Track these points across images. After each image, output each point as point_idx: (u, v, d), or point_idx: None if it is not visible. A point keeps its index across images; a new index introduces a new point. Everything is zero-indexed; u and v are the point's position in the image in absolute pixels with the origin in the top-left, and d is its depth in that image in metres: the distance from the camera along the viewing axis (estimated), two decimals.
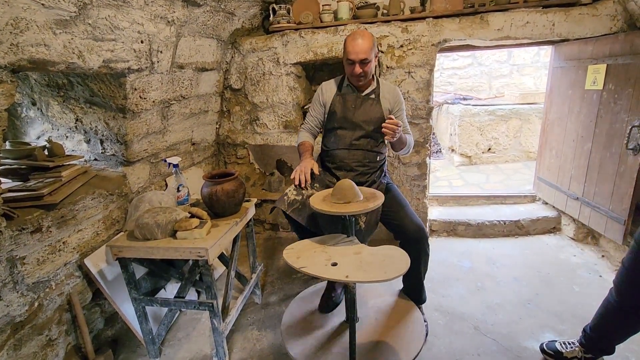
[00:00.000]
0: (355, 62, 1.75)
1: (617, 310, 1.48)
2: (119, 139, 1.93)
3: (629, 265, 1.42)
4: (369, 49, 1.73)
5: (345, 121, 1.88)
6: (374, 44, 1.78)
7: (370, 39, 1.74)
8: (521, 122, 4.64)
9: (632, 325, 1.48)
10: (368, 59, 1.74)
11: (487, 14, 2.36)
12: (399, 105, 1.91)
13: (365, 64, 1.75)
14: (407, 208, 1.81)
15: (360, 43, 1.72)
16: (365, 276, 1.23)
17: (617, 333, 1.53)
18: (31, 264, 1.46)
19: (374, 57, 1.80)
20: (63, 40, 1.36)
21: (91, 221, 1.77)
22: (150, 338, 1.77)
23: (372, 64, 1.79)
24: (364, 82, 1.85)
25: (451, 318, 2.00)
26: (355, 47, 1.73)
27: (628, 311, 1.45)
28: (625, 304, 1.44)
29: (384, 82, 1.95)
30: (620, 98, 2.14)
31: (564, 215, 2.83)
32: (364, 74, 1.78)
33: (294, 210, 1.73)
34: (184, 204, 1.97)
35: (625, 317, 1.47)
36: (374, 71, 1.86)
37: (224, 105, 2.87)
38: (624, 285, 1.45)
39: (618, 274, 1.47)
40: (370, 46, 1.73)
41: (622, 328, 1.50)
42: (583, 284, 2.22)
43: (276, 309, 2.15)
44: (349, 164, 1.88)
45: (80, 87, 1.78)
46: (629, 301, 1.43)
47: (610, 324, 1.53)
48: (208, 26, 2.19)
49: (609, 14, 2.25)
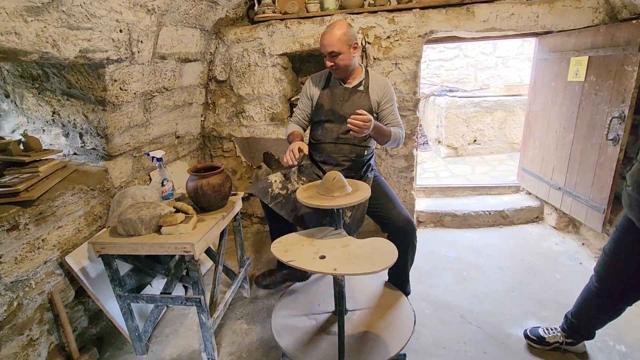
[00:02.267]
0: (326, 55, 1.73)
1: (597, 297, 1.53)
2: (99, 133, 1.86)
3: (609, 252, 1.46)
4: (337, 41, 1.68)
5: (333, 114, 1.86)
6: (349, 35, 1.71)
7: (340, 30, 1.69)
8: (506, 113, 4.70)
9: (611, 311, 1.53)
10: (336, 52, 1.70)
11: (473, 5, 2.36)
12: (387, 96, 1.85)
13: (334, 56, 1.71)
14: (394, 200, 1.80)
15: (328, 35, 1.69)
16: (354, 269, 1.23)
17: (597, 319, 1.58)
18: (8, 262, 1.41)
19: (351, 49, 1.74)
20: (35, 29, 1.29)
21: (72, 217, 1.72)
22: (136, 335, 1.75)
23: (347, 56, 1.73)
24: (340, 75, 1.82)
25: (438, 307, 2.03)
26: (323, 39, 1.71)
27: (608, 297, 1.50)
28: (605, 290, 1.49)
29: (374, 74, 1.91)
30: (601, 90, 2.18)
31: (547, 205, 2.91)
32: (336, 67, 1.75)
33: (277, 204, 1.73)
34: (169, 198, 1.93)
35: (605, 302, 1.52)
36: (352, 63, 1.79)
37: (208, 97, 2.81)
38: (604, 271, 1.49)
39: (599, 260, 1.52)
40: (339, 38, 1.68)
41: (602, 314, 1.55)
42: (564, 272, 2.29)
43: (264, 302, 2.15)
44: (336, 158, 1.87)
45: (56, 78, 1.71)
46: (609, 287, 1.48)
47: (591, 310, 1.58)
48: (190, 15, 2.12)
49: (591, 6, 2.28)
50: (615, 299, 1.49)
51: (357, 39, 1.76)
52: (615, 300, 1.49)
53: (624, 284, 1.44)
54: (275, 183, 1.76)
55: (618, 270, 1.44)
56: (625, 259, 1.41)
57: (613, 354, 1.67)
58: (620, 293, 1.47)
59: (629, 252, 1.39)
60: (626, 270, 1.41)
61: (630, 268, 1.40)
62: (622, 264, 1.42)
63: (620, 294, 1.47)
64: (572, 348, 1.67)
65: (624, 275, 1.42)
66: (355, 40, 1.75)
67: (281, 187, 1.75)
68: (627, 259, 1.40)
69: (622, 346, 1.70)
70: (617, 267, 1.44)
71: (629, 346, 1.69)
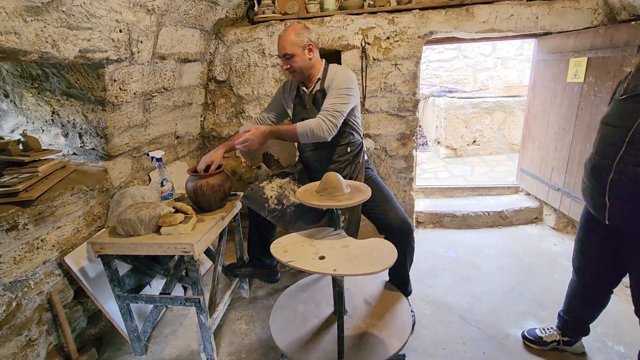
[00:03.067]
0: (281, 58, 1.76)
1: (579, 289, 1.57)
2: (99, 133, 1.86)
3: (577, 241, 1.52)
4: (290, 44, 1.70)
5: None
6: (302, 37, 1.71)
7: (293, 32, 1.70)
8: (505, 114, 4.71)
9: (595, 300, 1.56)
10: (289, 54, 1.71)
11: (473, 6, 2.37)
12: (333, 83, 1.74)
13: (288, 58, 1.73)
14: (391, 201, 1.77)
15: (281, 38, 1.72)
16: (353, 269, 1.23)
17: (586, 311, 1.61)
18: (7, 262, 1.41)
19: (305, 50, 1.73)
20: (35, 29, 1.29)
21: (71, 217, 1.72)
22: (135, 335, 1.75)
23: (301, 57, 1.73)
24: (298, 78, 1.82)
25: (437, 308, 2.03)
26: (278, 42, 1.74)
27: (587, 286, 1.54)
28: (583, 280, 1.54)
29: (332, 67, 1.83)
30: (600, 91, 2.19)
31: (546, 206, 2.91)
32: (292, 69, 1.76)
33: (274, 217, 1.77)
34: (168, 198, 1.93)
35: (586, 293, 1.56)
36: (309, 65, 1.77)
37: (208, 97, 2.81)
38: (577, 261, 1.55)
39: (573, 252, 1.57)
40: (292, 40, 1.69)
41: (588, 305, 1.59)
42: (563, 272, 2.29)
43: (264, 302, 2.15)
44: (320, 163, 1.88)
45: (55, 78, 1.71)
46: (585, 276, 1.53)
47: (578, 303, 1.61)
48: (190, 15, 2.12)
49: (590, 7, 2.29)
50: (594, 286, 1.53)
51: (312, 40, 1.75)
52: (594, 289, 1.53)
53: (595, 270, 1.49)
54: (272, 199, 1.77)
55: (587, 257, 1.49)
56: (590, 246, 1.47)
57: (612, 354, 1.67)
58: (595, 280, 1.51)
59: (592, 239, 1.45)
60: (593, 256, 1.47)
61: (596, 254, 1.45)
62: (588, 251, 1.48)
63: (595, 281, 1.51)
64: (571, 348, 1.68)
65: (593, 262, 1.48)
66: (308, 42, 1.74)
67: (277, 202, 1.77)
68: (592, 245, 1.46)
69: (621, 347, 1.70)
70: (586, 255, 1.50)
71: (627, 347, 1.70)
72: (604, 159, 1.28)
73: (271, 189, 1.84)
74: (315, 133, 1.68)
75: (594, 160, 1.34)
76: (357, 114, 1.88)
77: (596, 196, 1.32)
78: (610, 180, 1.25)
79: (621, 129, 1.22)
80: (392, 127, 2.65)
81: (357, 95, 1.81)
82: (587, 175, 1.36)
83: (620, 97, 1.27)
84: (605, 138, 1.30)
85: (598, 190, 1.30)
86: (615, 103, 1.31)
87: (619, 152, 1.22)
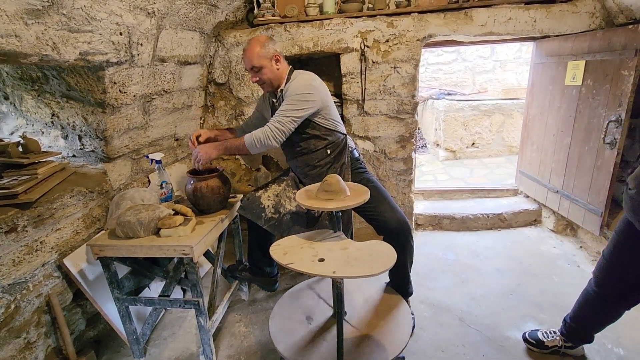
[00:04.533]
0: (250, 71, 1.76)
1: (596, 300, 1.52)
2: (99, 135, 1.86)
3: (608, 256, 1.45)
4: (256, 56, 1.69)
5: None
6: (267, 49, 1.71)
7: (258, 45, 1.70)
8: (504, 117, 4.73)
9: (610, 314, 1.52)
10: (257, 66, 1.71)
11: (471, 9, 2.38)
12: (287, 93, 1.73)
13: (257, 71, 1.73)
14: (388, 201, 1.76)
15: (247, 52, 1.72)
16: (352, 271, 1.23)
17: (596, 322, 1.58)
18: (6, 265, 1.41)
19: (272, 61, 1.73)
20: (36, 31, 1.29)
21: (70, 220, 1.72)
22: (134, 338, 1.74)
23: (269, 69, 1.73)
24: (269, 89, 1.82)
25: (437, 310, 2.03)
26: (243, 56, 1.74)
27: (607, 301, 1.49)
28: (605, 294, 1.49)
29: (297, 75, 1.80)
30: (598, 94, 2.20)
31: (545, 208, 2.92)
32: (261, 81, 1.76)
33: (270, 226, 1.77)
34: (168, 201, 1.93)
35: (604, 306, 1.51)
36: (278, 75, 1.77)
37: (208, 99, 2.82)
38: (603, 275, 1.49)
39: (597, 264, 1.51)
40: (257, 53, 1.69)
41: (601, 317, 1.55)
42: (562, 274, 2.29)
43: (263, 305, 2.15)
44: (302, 170, 1.88)
45: (55, 80, 1.71)
46: (607, 291, 1.48)
47: (590, 313, 1.57)
48: (190, 18, 2.13)
49: (588, 11, 2.30)
50: (614, 303, 1.48)
51: (277, 51, 1.75)
52: (615, 304, 1.49)
53: (624, 288, 1.43)
54: (268, 208, 1.78)
55: (618, 274, 1.43)
56: (625, 264, 1.40)
57: (611, 356, 1.67)
58: (620, 297, 1.46)
59: (629, 256, 1.38)
60: (626, 274, 1.41)
61: (630, 272, 1.40)
62: (622, 268, 1.41)
63: (619, 298, 1.46)
64: (571, 352, 1.67)
65: (624, 280, 1.42)
66: (274, 52, 1.73)
67: (274, 211, 1.77)
68: (628, 263, 1.39)
69: (620, 349, 1.70)
70: (617, 272, 1.43)
71: (626, 349, 1.70)
72: None
73: (267, 198, 1.82)
74: (263, 142, 1.67)
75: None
76: (331, 113, 1.81)
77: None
78: None
79: None
80: (391, 129, 2.66)
81: (318, 98, 1.72)
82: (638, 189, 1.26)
83: None
84: None
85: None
86: None
87: None
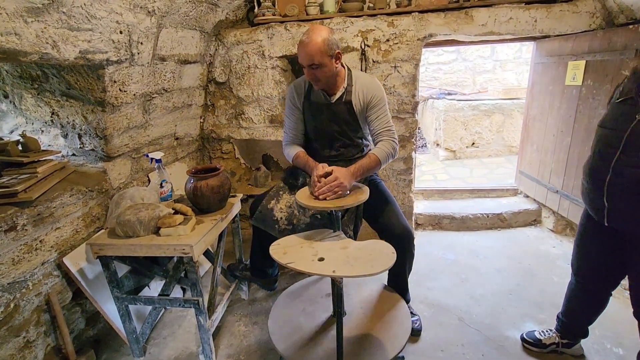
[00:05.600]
0: (304, 66, 1.57)
1: (578, 290, 1.58)
2: (98, 134, 1.86)
3: (576, 243, 1.53)
4: (317, 52, 1.50)
5: (318, 133, 1.76)
6: (330, 44, 1.53)
7: (319, 38, 1.51)
8: (504, 117, 4.73)
9: (594, 303, 1.57)
10: (316, 64, 1.53)
11: (472, 9, 2.38)
12: (375, 99, 1.67)
13: (314, 68, 1.55)
14: (394, 207, 1.75)
15: (306, 45, 1.51)
16: (352, 271, 1.23)
17: (584, 314, 1.62)
18: (6, 263, 1.41)
19: (333, 60, 1.57)
20: (35, 30, 1.29)
21: (70, 219, 1.71)
22: (134, 337, 1.74)
23: (329, 67, 1.57)
24: (322, 87, 1.67)
25: (436, 310, 2.03)
26: (301, 50, 1.54)
27: (586, 289, 1.55)
28: (582, 281, 1.55)
29: (360, 76, 1.72)
30: (598, 94, 2.20)
31: (544, 208, 2.92)
32: (316, 79, 1.60)
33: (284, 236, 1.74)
34: (168, 200, 1.93)
35: (585, 295, 1.57)
36: (335, 73, 1.64)
37: (208, 99, 2.81)
38: (576, 263, 1.56)
39: (572, 254, 1.58)
40: (318, 48, 1.50)
41: (587, 307, 1.60)
42: (562, 274, 2.29)
43: (263, 304, 2.15)
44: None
45: (55, 79, 1.71)
46: (584, 279, 1.54)
47: (577, 305, 1.62)
48: (190, 17, 2.13)
49: (588, 11, 2.30)
50: (593, 289, 1.54)
51: (339, 46, 1.60)
52: (593, 291, 1.54)
53: (595, 272, 1.50)
54: (282, 220, 1.73)
55: (587, 260, 1.50)
56: (590, 248, 1.48)
57: (610, 356, 1.67)
58: (594, 283, 1.52)
59: (592, 241, 1.46)
60: (593, 258, 1.48)
61: (596, 256, 1.46)
62: (588, 253, 1.49)
63: (594, 283, 1.52)
64: (570, 350, 1.68)
65: (593, 264, 1.49)
66: (337, 48, 1.57)
67: (287, 223, 1.73)
68: (592, 247, 1.47)
69: (620, 349, 1.70)
70: (586, 257, 1.50)
71: (626, 349, 1.70)
72: (601, 161, 1.30)
73: (280, 210, 1.75)
74: (394, 156, 1.68)
75: (592, 163, 1.36)
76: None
77: (595, 198, 1.33)
78: (608, 182, 1.27)
79: (617, 131, 1.25)
80: None
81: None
82: (586, 177, 1.38)
83: (617, 101, 1.31)
84: (602, 140, 1.33)
85: (596, 192, 1.32)
86: (611, 106, 1.34)
87: (616, 154, 1.24)
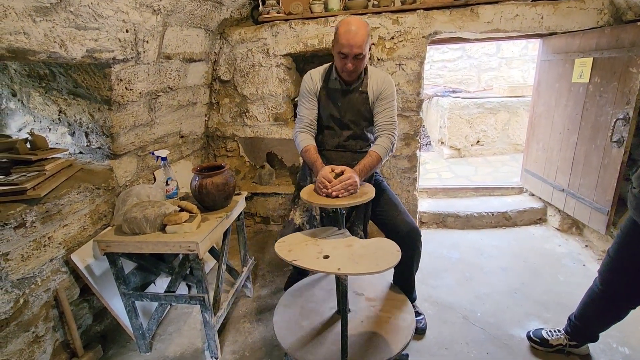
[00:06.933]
0: (348, 57, 1.55)
1: (601, 299, 1.52)
2: (105, 132, 1.88)
3: (613, 254, 1.45)
4: (364, 42, 1.52)
5: (333, 120, 1.77)
6: (369, 35, 1.58)
7: (365, 29, 1.54)
8: (509, 114, 4.69)
9: (615, 313, 1.52)
10: (362, 54, 1.54)
11: (477, 6, 2.36)
12: (384, 94, 1.69)
13: (358, 59, 1.56)
14: (399, 207, 1.77)
15: (354, 35, 1.50)
16: (357, 268, 1.23)
17: (601, 321, 1.57)
18: (15, 260, 1.43)
19: (368, 50, 1.61)
20: (44, 29, 1.30)
21: (77, 216, 1.73)
22: (140, 333, 1.76)
23: (366, 58, 1.60)
24: (353, 77, 1.68)
25: (441, 308, 2.03)
26: (349, 39, 1.51)
27: (612, 299, 1.49)
28: (610, 292, 1.48)
29: (374, 71, 1.75)
30: (605, 91, 2.18)
31: (550, 207, 2.90)
32: (355, 70, 1.60)
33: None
34: (173, 197, 1.94)
35: (609, 305, 1.51)
36: (364, 66, 1.66)
37: (212, 97, 2.83)
38: (608, 274, 1.48)
39: (603, 263, 1.51)
40: (365, 39, 1.53)
41: (606, 316, 1.55)
42: (567, 273, 2.28)
43: (267, 301, 2.16)
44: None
45: (62, 77, 1.73)
46: (613, 289, 1.47)
47: (595, 312, 1.57)
48: (195, 15, 2.14)
49: (596, 7, 2.28)
50: (620, 301, 1.48)
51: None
52: (620, 303, 1.49)
53: (629, 286, 1.43)
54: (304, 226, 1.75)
55: (623, 272, 1.43)
56: (630, 261, 1.40)
57: (616, 356, 1.66)
58: (625, 295, 1.46)
59: (633, 254, 1.39)
60: (631, 272, 1.41)
61: (635, 270, 1.39)
62: (627, 266, 1.41)
63: (625, 296, 1.46)
64: (576, 350, 1.67)
65: (629, 278, 1.42)
66: (371, 40, 1.63)
67: (308, 227, 1.74)
68: (632, 261, 1.39)
69: (626, 348, 1.69)
70: (622, 270, 1.43)
71: (632, 348, 1.69)
72: None
73: (299, 217, 1.77)
74: (392, 151, 1.71)
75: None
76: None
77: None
78: None
79: None
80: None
81: None
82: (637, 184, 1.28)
83: None
84: None
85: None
86: None
87: None
